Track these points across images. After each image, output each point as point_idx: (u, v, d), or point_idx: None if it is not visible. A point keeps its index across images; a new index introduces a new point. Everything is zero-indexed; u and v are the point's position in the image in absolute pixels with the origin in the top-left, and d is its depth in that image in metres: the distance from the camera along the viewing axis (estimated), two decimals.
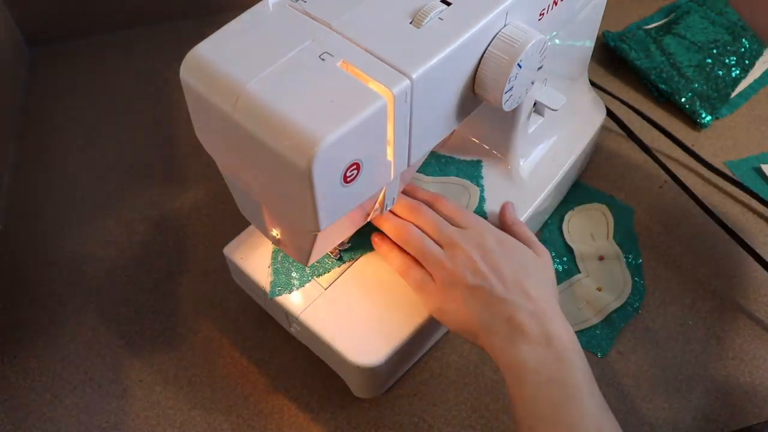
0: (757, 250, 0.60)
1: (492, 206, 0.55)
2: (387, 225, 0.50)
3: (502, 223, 0.53)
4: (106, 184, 0.69)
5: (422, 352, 0.56)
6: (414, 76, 0.36)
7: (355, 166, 0.36)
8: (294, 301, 0.50)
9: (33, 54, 0.82)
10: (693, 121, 0.72)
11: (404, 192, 0.53)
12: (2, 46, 0.75)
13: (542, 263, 0.49)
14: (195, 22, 0.84)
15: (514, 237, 0.50)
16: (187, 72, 0.37)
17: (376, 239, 0.51)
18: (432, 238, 0.48)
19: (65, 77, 0.79)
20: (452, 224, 0.49)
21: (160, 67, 0.80)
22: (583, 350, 0.44)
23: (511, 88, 0.41)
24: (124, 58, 0.81)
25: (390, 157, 0.39)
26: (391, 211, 0.51)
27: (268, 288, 0.51)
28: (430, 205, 0.51)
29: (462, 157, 0.57)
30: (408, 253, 0.49)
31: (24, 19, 0.79)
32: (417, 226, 0.49)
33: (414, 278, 0.48)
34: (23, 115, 0.75)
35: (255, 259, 0.52)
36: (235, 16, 0.39)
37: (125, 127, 0.74)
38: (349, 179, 0.36)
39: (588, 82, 0.64)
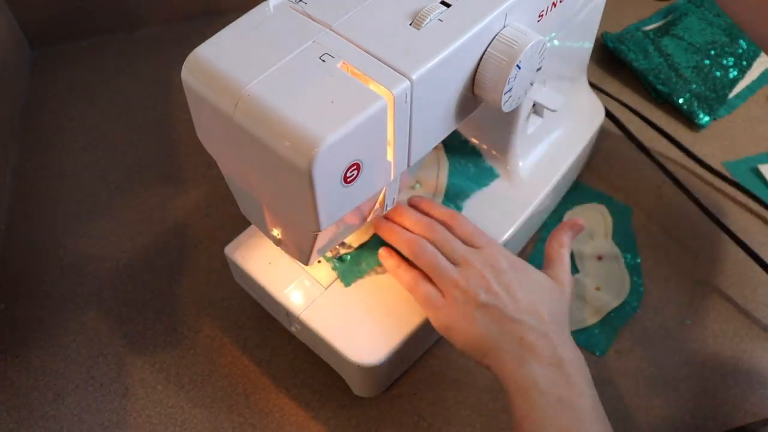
0: (755, 250, 0.60)
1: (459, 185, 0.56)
2: (398, 238, 0.49)
3: (550, 238, 0.51)
4: (108, 184, 0.69)
5: (422, 351, 0.56)
6: (414, 77, 0.36)
7: (355, 167, 0.36)
8: (295, 300, 0.51)
9: (35, 55, 0.82)
10: (691, 122, 0.72)
11: (419, 208, 0.52)
12: (4, 47, 0.75)
13: (558, 290, 0.48)
14: (196, 23, 0.84)
15: (551, 257, 0.50)
16: (188, 73, 0.38)
17: (383, 253, 0.50)
18: (444, 255, 0.48)
19: (67, 78, 0.80)
20: (465, 244, 0.48)
21: (161, 68, 0.80)
22: (584, 357, 0.44)
23: (510, 89, 0.42)
24: (125, 60, 0.81)
25: (390, 157, 0.39)
26: (402, 226, 0.50)
27: (268, 287, 0.51)
28: (444, 224, 0.50)
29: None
30: (416, 269, 0.48)
31: (26, 21, 0.80)
32: (429, 242, 0.48)
33: (424, 293, 0.47)
34: (25, 116, 0.76)
35: (256, 258, 0.53)
36: (236, 18, 0.39)
37: (126, 127, 0.74)
38: (349, 179, 0.37)
39: (587, 83, 0.64)
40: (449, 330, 0.46)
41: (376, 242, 0.52)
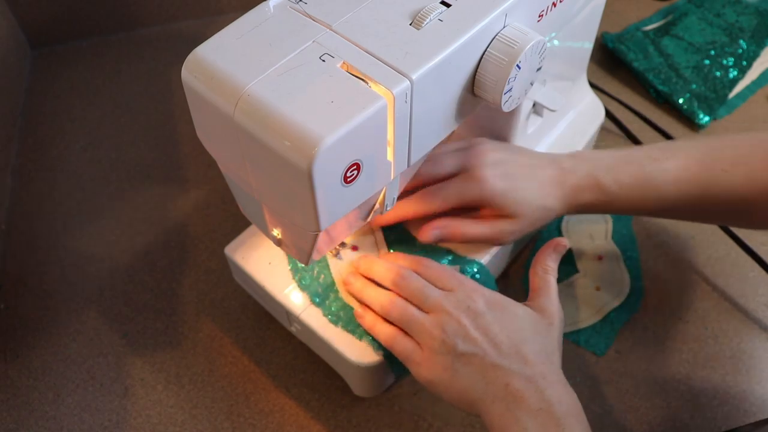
0: (755, 250, 0.60)
1: None
2: (367, 297, 0.48)
3: (534, 263, 0.49)
4: (108, 184, 0.69)
5: None
6: (414, 77, 0.36)
7: (355, 167, 0.36)
8: (295, 300, 0.51)
9: (35, 55, 0.82)
10: (691, 122, 0.72)
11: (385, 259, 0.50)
12: (4, 47, 0.75)
13: (544, 324, 0.45)
14: (196, 23, 0.84)
15: (536, 285, 0.48)
16: (188, 73, 0.38)
17: (359, 312, 0.48)
18: (417, 306, 0.46)
19: (67, 78, 0.80)
20: (438, 288, 0.46)
21: (161, 68, 0.80)
22: (581, 408, 0.42)
23: (510, 89, 0.42)
24: (125, 60, 0.81)
25: (390, 157, 0.39)
26: (372, 280, 0.49)
27: (268, 287, 0.51)
28: (413, 270, 0.48)
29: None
30: (394, 325, 0.47)
31: (26, 21, 0.80)
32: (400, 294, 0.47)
33: (402, 350, 0.45)
34: (25, 116, 0.76)
35: (256, 258, 0.53)
36: (236, 18, 0.39)
37: (126, 127, 0.74)
38: (349, 179, 0.37)
39: (587, 83, 0.64)
40: (433, 384, 0.44)
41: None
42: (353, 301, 0.50)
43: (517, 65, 0.41)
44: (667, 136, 0.69)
